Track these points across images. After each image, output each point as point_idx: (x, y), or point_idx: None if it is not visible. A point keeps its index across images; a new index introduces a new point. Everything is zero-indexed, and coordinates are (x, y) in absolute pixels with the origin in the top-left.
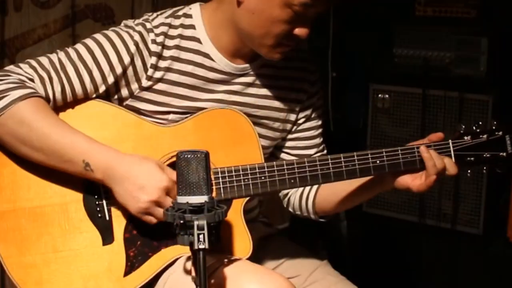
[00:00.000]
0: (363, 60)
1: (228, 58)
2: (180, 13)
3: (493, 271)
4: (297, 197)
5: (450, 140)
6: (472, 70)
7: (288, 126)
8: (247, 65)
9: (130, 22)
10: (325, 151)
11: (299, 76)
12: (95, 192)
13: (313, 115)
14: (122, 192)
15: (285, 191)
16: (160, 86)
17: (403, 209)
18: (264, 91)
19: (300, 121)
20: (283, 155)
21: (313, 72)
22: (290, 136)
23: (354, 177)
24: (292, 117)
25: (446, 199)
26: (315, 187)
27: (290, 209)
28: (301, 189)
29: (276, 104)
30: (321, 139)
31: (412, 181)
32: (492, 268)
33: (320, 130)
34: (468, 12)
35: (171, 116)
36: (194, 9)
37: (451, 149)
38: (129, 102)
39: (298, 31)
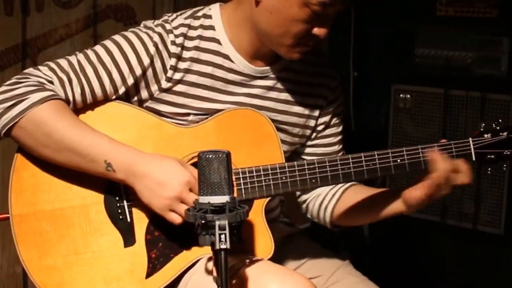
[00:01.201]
0: (385, 60)
1: (248, 60)
2: (199, 13)
3: None
4: (316, 205)
5: (470, 138)
6: (494, 70)
7: (308, 132)
8: (266, 67)
9: (149, 23)
10: None
11: (319, 82)
12: (116, 194)
13: (332, 122)
14: (144, 189)
15: (304, 197)
16: (179, 87)
17: (425, 209)
18: (285, 96)
19: (319, 128)
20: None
21: (334, 78)
22: (309, 143)
23: (375, 176)
24: (312, 123)
25: (467, 199)
26: (334, 200)
27: (309, 215)
28: (321, 198)
29: (296, 109)
30: (340, 147)
31: (419, 191)
32: None
33: (339, 138)
34: (489, 12)
35: (190, 117)
36: (214, 9)
37: (471, 147)
38: (149, 104)
39: (317, 30)
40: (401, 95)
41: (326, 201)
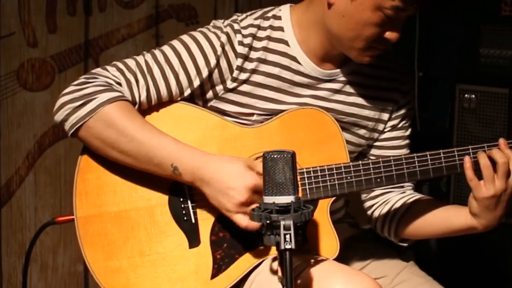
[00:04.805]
0: (450, 60)
1: (316, 62)
2: (269, 14)
3: None
4: (383, 213)
5: None
6: None
7: (375, 135)
8: (334, 70)
9: (218, 23)
10: None
11: (390, 86)
12: (180, 195)
13: (400, 125)
14: (213, 192)
15: (371, 203)
16: (245, 87)
17: None
18: (353, 99)
19: (387, 130)
20: None
21: (406, 83)
22: (376, 144)
23: (440, 175)
24: (380, 126)
25: None
26: (399, 214)
27: (372, 225)
28: (389, 205)
29: (365, 112)
30: (408, 151)
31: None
32: None
33: (407, 141)
34: None
35: (254, 117)
36: (284, 10)
37: None
38: (213, 103)
39: (389, 34)
40: (466, 95)
41: (391, 214)
